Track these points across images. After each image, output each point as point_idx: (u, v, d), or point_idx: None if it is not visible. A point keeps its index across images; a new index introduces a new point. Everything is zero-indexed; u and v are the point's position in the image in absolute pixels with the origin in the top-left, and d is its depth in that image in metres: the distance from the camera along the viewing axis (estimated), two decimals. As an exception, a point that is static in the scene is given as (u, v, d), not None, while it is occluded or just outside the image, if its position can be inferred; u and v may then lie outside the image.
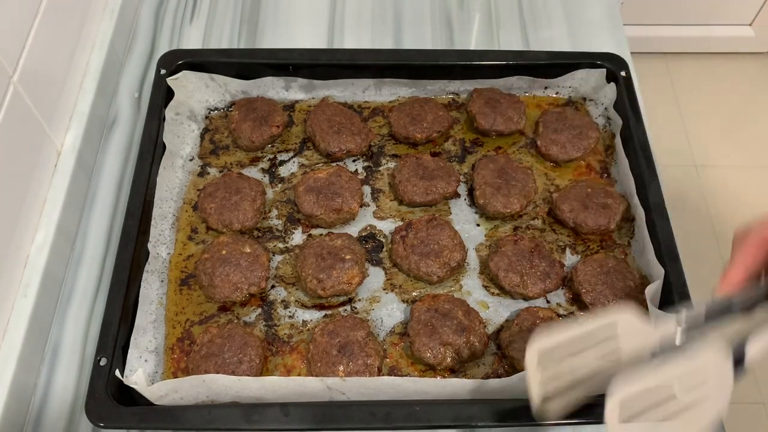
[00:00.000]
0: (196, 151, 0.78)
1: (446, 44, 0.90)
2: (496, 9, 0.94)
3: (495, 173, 0.73)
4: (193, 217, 0.73)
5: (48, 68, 0.71)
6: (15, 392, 0.61)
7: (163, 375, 0.64)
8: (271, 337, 0.66)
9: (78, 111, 0.76)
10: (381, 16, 0.93)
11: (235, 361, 0.62)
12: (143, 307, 0.65)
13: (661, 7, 1.86)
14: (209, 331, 0.64)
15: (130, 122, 0.82)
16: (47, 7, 0.69)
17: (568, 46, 0.89)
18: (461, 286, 0.70)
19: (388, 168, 0.78)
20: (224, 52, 0.83)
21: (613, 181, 0.77)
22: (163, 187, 0.73)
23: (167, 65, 0.78)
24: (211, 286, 0.66)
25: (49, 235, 0.68)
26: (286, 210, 0.74)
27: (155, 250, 0.69)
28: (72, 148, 0.73)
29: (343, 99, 0.82)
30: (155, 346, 0.65)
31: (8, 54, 0.62)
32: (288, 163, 0.78)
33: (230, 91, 0.81)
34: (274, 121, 0.77)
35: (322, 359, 0.62)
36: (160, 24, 0.91)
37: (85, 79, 0.79)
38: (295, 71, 0.80)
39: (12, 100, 0.63)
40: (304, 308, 0.68)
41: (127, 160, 0.79)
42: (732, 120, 1.86)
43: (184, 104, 0.78)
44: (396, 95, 0.82)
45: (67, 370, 0.65)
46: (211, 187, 0.72)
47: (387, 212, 0.75)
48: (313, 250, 0.68)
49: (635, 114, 0.76)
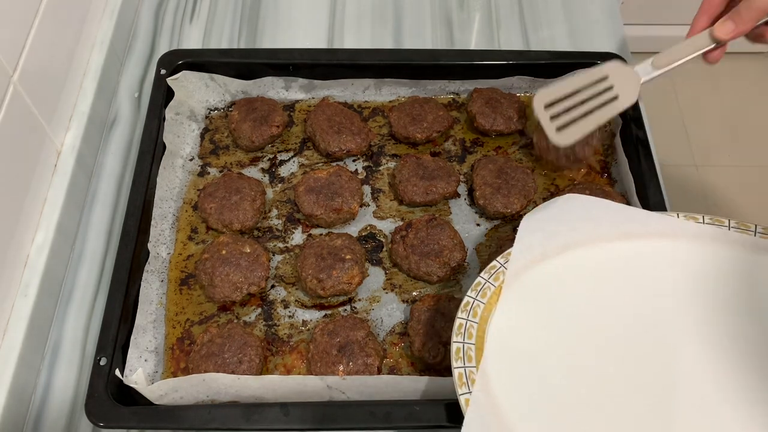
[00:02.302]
0: (196, 151, 0.78)
1: (446, 44, 0.90)
2: (497, 9, 0.94)
3: (494, 173, 0.73)
4: (193, 217, 0.73)
5: (48, 68, 0.71)
6: (15, 391, 0.61)
7: (163, 375, 0.64)
8: (271, 336, 0.66)
9: (78, 111, 0.76)
10: (381, 16, 0.93)
11: (235, 361, 0.62)
12: (143, 306, 0.65)
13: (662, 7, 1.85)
14: (209, 331, 0.64)
15: (130, 122, 0.82)
16: (47, 7, 0.69)
17: (569, 46, 0.89)
18: (461, 286, 0.70)
19: (388, 168, 0.78)
20: (224, 52, 0.83)
21: (612, 181, 0.77)
22: (163, 187, 0.73)
23: (167, 65, 0.78)
24: (211, 286, 0.66)
25: (49, 234, 0.68)
26: (286, 210, 0.74)
27: (155, 249, 0.69)
28: (72, 147, 0.74)
29: (343, 99, 0.82)
30: (155, 345, 0.65)
31: (8, 54, 0.62)
32: (288, 163, 0.78)
33: (230, 91, 0.81)
34: (274, 121, 0.77)
35: (322, 359, 0.62)
36: (160, 24, 0.91)
37: (85, 79, 0.79)
38: (295, 71, 0.80)
39: (12, 100, 0.63)
40: (304, 308, 0.68)
41: (127, 160, 0.79)
42: (732, 120, 1.86)
43: (184, 104, 0.78)
44: (396, 95, 0.82)
45: (67, 370, 0.65)
46: (211, 187, 0.72)
47: (387, 212, 0.75)
48: (313, 250, 0.68)
49: (635, 113, 0.76)
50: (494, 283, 0.58)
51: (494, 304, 0.57)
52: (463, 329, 0.55)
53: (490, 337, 0.56)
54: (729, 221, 0.61)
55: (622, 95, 0.68)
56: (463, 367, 0.53)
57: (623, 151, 0.76)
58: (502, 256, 0.59)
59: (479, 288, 0.57)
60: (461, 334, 0.55)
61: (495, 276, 0.58)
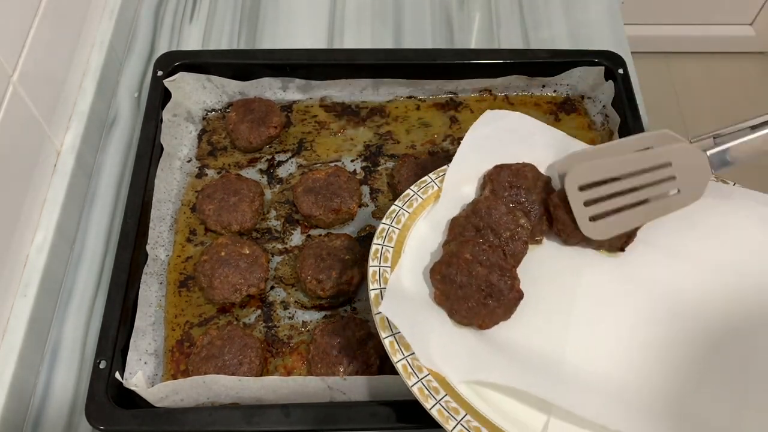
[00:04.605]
0: (193, 152, 0.78)
1: (446, 44, 0.90)
2: (497, 9, 0.94)
3: None
4: (191, 218, 0.73)
5: (47, 68, 0.71)
6: (14, 392, 0.61)
7: (163, 377, 0.64)
8: (271, 338, 0.66)
9: (78, 111, 0.76)
10: (381, 17, 0.92)
11: (235, 363, 0.62)
12: (142, 309, 0.65)
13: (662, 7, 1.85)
14: (209, 333, 0.64)
15: (129, 122, 0.82)
16: (47, 7, 0.69)
17: (569, 46, 0.89)
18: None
19: (387, 168, 0.77)
20: (221, 53, 0.83)
21: (612, 181, 0.76)
22: (161, 189, 0.73)
23: (164, 67, 0.78)
24: (211, 288, 0.66)
25: (48, 235, 0.68)
26: (285, 211, 0.74)
27: (154, 252, 0.69)
28: (71, 148, 0.73)
29: (340, 99, 0.82)
30: (155, 348, 0.65)
31: (8, 54, 0.62)
32: (286, 163, 0.78)
33: (227, 92, 0.81)
34: (272, 122, 0.77)
35: (323, 360, 0.62)
36: (159, 24, 0.91)
37: (85, 79, 0.78)
38: (293, 72, 0.79)
39: (11, 100, 0.63)
40: (303, 309, 0.68)
41: (126, 161, 0.79)
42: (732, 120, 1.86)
43: (182, 106, 0.78)
44: (393, 95, 0.82)
45: (67, 371, 0.65)
46: (210, 188, 0.72)
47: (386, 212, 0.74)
48: (312, 251, 0.68)
49: (633, 111, 0.76)
50: (422, 196, 0.61)
51: (419, 215, 0.60)
52: (379, 253, 0.57)
53: (409, 241, 0.59)
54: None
55: (685, 189, 0.55)
56: (378, 266, 0.56)
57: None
58: (434, 173, 0.63)
59: (393, 215, 0.60)
60: (377, 258, 0.56)
61: (424, 190, 0.62)
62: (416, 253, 0.59)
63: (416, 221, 0.60)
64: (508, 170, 0.63)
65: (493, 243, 0.57)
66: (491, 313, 0.55)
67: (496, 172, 0.63)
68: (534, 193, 0.62)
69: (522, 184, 0.62)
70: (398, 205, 0.60)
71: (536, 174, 0.64)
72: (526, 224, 0.60)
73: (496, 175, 0.63)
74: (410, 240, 0.59)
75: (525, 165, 0.64)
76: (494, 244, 0.57)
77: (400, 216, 0.60)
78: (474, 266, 0.55)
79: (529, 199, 0.62)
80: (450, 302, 0.56)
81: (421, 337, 0.52)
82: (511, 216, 0.60)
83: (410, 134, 0.80)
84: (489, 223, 0.59)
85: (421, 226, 0.61)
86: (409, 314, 0.53)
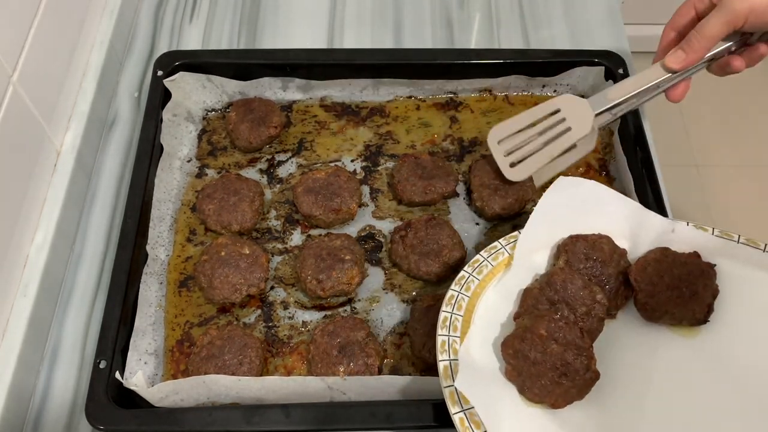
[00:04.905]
0: (193, 152, 0.78)
1: (446, 44, 0.90)
2: (497, 9, 0.94)
3: (492, 174, 0.73)
4: (191, 218, 0.73)
5: (47, 68, 0.71)
6: (14, 392, 0.60)
7: (163, 377, 0.64)
8: (271, 338, 0.66)
9: (77, 111, 0.76)
10: (381, 17, 0.92)
11: (235, 363, 0.62)
12: (142, 309, 0.65)
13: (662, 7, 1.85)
14: (209, 333, 0.64)
15: (129, 122, 0.82)
16: (47, 7, 0.69)
17: (569, 46, 0.89)
18: (461, 286, 0.69)
19: (387, 168, 0.77)
20: (221, 53, 0.83)
21: (611, 179, 0.77)
22: (161, 188, 0.73)
23: (164, 66, 0.78)
24: (211, 288, 0.66)
25: (48, 235, 0.68)
26: (285, 211, 0.74)
27: (154, 252, 0.69)
28: (71, 148, 0.73)
29: (340, 99, 0.82)
30: (155, 348, 0.65)
31: (8, 54, 0.62)
32: (286, 163, 0.78)
33: (227, 92, 0.81)
34: (272, 121, 0.77)
35: (323, 360, 0.62)
36: (159, 24, 0.91)
37: (85, 79, 0.78)
38: (293, 71, 0.79)
39: (11, 100, 0.63)
40: (303, 309, 0.68)
41: (126, 160, 0.78)
42: (732, 120, 1.86)
43: (181, 105, 0.78)
44: (394, 95, 0.82)
45: (67, 371, 0.65)
46: (210, 188, 0.72)
47: (386, 212, 0.75)
48: (312, 251, 0.68)
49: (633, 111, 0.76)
50: (493, 263, 0.60)
51: (488, 282, 0.59)
52: (448, 322, 0.55)
53: (478, 311, 0.57)
54: (738, 237, 0.60)
55: (575, 127, 0.67)
56: (447, 336, 0.54)
57: (621, 149, 0.75)
58: (504, 239, 0.61)
59: (463, 282, 0.58)
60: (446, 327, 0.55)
61: (494, 256, 0.60)
62: (486, 324, 0.57)
63: (486, 289, 0.58)
64: (584, 241, 0.61)
65: (569, 319, 0.55)
66: (565, 392, 0.53)
67: (572, 243, 0.61)
68: (610, 266, 0.60)
69: (598, 256, 0.60)
70: (467, 271, 0.58)
71: (612, 246, 0.61)
72: (603, 300, 0.58)
73: (571, 246, 0.61)
74: (479, 309, 0.57)
75: (601, 236, 0.61)
76: (570, 321, 0.55)
77: (469, 283, 0.57)
78: (549, 343, 0.53)
79: (605, 273, 0.60)
80: (522, 379, 0.53)
81: (495, 415, 0.50)
82: (588, 290, 0.57)
83: (410, 134, 0.80)
84: (564, 297, 0.57)
85: (491, 294, 0.58)
86: (482, 391, 0.50)
